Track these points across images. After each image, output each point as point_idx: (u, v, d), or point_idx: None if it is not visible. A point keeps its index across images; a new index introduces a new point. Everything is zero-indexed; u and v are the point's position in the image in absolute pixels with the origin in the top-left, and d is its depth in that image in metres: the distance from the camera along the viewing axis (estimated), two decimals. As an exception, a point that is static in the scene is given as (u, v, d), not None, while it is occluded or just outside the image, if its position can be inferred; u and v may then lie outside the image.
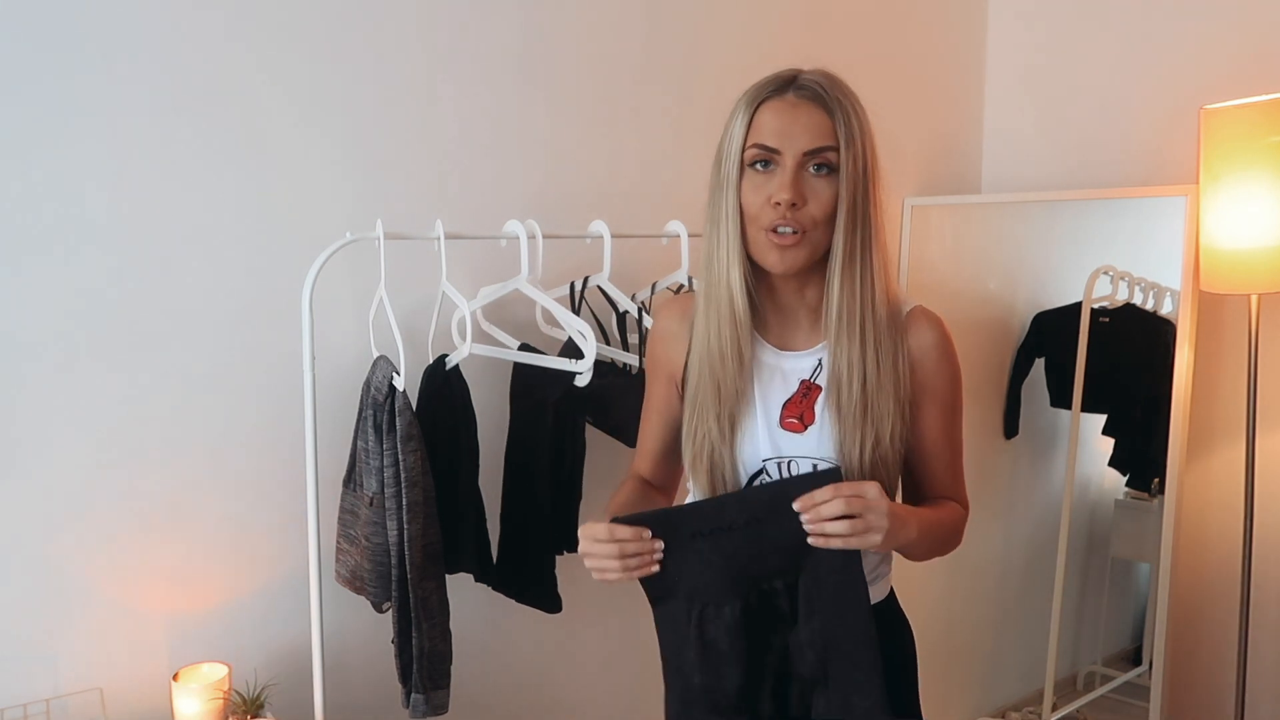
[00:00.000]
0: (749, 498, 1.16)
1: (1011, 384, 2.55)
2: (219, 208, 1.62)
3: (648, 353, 1.36)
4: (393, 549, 1.53)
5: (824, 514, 1.07)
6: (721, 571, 1.13)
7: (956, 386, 1.26)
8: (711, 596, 1.13)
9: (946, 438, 1.26)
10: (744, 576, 1.13)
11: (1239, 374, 2.15)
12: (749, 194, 1.15)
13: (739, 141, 1.15)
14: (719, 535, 1.12)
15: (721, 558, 1.13)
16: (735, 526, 1.12)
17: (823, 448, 1.19)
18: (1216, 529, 2.29)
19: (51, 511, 1.52)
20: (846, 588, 1.12)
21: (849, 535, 1.07)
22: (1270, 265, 1.88)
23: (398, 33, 1.77)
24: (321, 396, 1.57)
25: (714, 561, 1.13)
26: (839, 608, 1.12)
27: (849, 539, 1.07)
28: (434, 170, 1.82)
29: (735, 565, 1.13)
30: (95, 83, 1.50)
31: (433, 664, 1.56)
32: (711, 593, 1.13)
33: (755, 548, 1.12)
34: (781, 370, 1.23)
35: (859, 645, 1.13)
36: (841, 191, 1.14)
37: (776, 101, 1.15)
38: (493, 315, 1.80)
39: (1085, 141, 2.49)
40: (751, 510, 1.12)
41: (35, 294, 1.49)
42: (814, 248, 1.15)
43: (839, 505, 1.07)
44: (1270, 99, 1.85)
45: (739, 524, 1.12)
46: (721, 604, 1.13)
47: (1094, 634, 2.59)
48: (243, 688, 1.58)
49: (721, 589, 1.13)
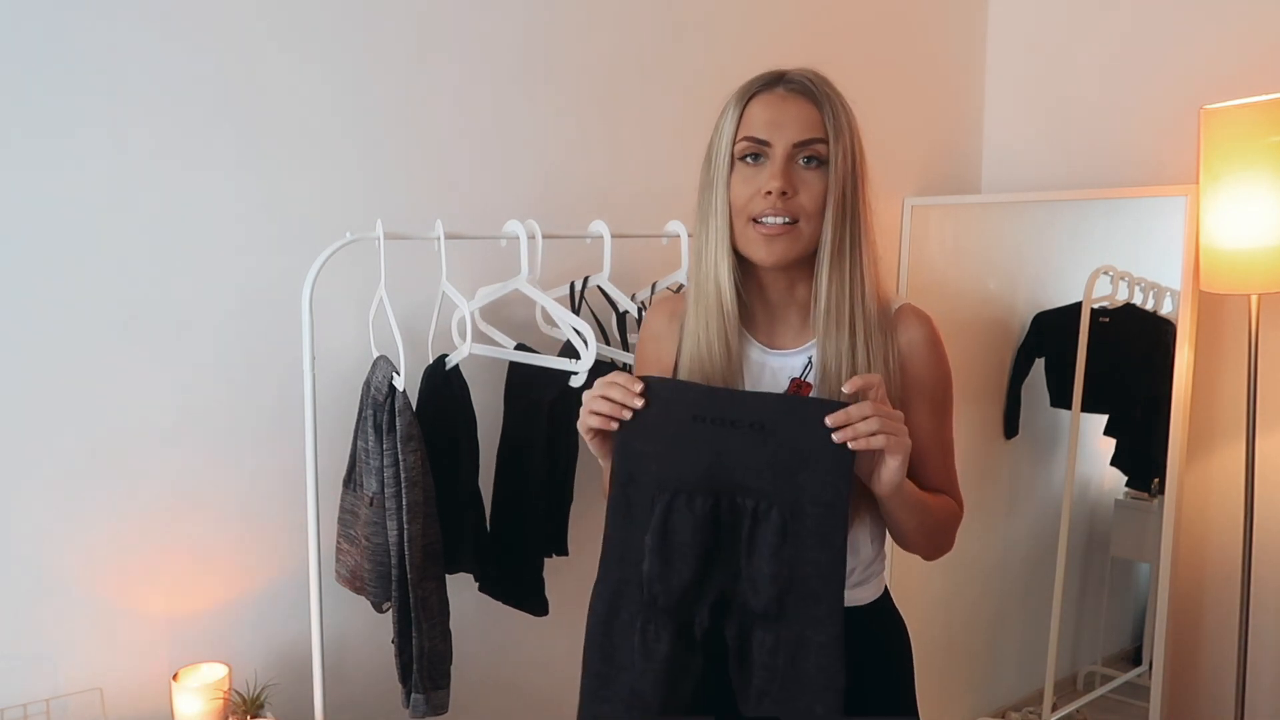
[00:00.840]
0: (765, 401, 1.11)
1: (1011, 384, 2.55)
2: (219, 208, 1.62)
3: (637, 354, 1.36)
4: (393, 549, 1.53)
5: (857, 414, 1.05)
6: (707, 465, 1.10)
7: (946, 384, 1.26)
8: (686, 486, 1.10)
9: (937, 436, 1.26)
10: (726, 478, 1.10)
11: (1239, 374, 2.15)
12: (738, 187, 1.15)
13: (729, 136, 1.16)
14: (720, 426, 1.09)
15: (712, 451, 1.09)
16: (740, 423, 1.09)
17: None
18: (1216, 529, 2.29)
19: (52, 512, 1.52)
20: (826, 522, 1.09)
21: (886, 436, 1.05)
22: (1270, 265, 1.88)
23: (398, 33, 1.77)
24: (321, 396, 1.57)
25: (703, 453, 1.10)
26: (815, 541, 1.09)
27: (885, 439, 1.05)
28: (434, 170, 1.82)
29: (722, 464, 1.09)
30: (95, 83, 1.50)
31: (433, 664, 1.56)
32: (688, 482, 1.10)
33: (749, 455, 1.09)
34: (771, 368, 1.23)
35: (826, 582, 1.10)
36: (830, 184, 1.14)
37: (766, 95, 1.16)
38: (492, 315, 1.80)
39: (1085, 141, 2.49)
40: (762, 413, 1.09)
41: (35, 294, 1.49)
42: (803, 241, 1.15)
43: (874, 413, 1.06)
44: (1270, 99, 1.85)
45: (744, 422, 1.08)
46: (694, 495, 1.10)
47: (1094, 634, 2.59)
48: (243, 688, 1.58)
49: (700, 481, 1.10)
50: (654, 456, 1.11)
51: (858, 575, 1.25)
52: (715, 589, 1.12)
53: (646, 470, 1.12)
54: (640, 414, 1.11)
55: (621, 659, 1.15)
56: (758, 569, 1.10)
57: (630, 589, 1.14)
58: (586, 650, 1.20)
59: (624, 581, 1.14)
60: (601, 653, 1.17)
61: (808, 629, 1.10)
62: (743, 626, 1.12)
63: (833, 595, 1.09)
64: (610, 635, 1.16)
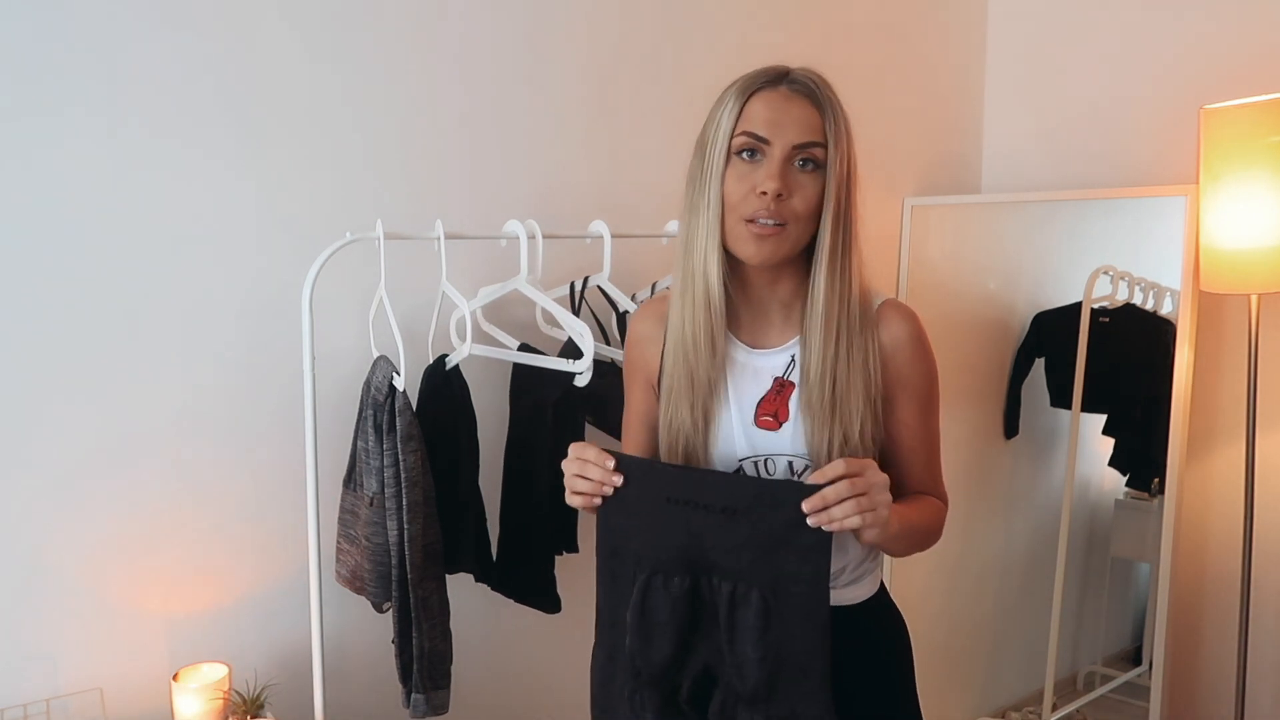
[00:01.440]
0: (735, 485, 1.11)
1: (1011, 384, 2.55)
2: (219, 208, 1.62)
3: (625, 359, 1.35)
4: (393, 549, 1.53)
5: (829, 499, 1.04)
6: (682, 545, 1.10)
7: (932, 380, 1.25)
8: (663, 565, 1.11)
9: (923, 432, 1.25)
10: (701, 559, 1.10)
11: (1239, 374, 2.15)
12: (732, 182, 1.14)
13: (727, 129, 1.14)
14: (692, 509, 1.09)
15: (686, 533, 1.09)
16: (711, 508, 1.08)
17: (797, 444, 1.19)
18: (1216, 529, 2.29)
19: (52, 512, 1.52)
20: (810, 599, 1.07)
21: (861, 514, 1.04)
22: (1270, 265, 1.88)
23: (398, 33, 1.77)
24: (321, 396, 1.57)
25: (676, 533, 1.10)
26: (800, 619, 1.08)
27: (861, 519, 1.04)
28: (434, 170, 1.82)
29: (696, 546, 1.09)
30: (95, 82, 1.50)
31: (433, 664, 1.56)
32: (664, 561, 1.11)
33: (722, 537, 1.08)
34: (754, 368, 1.22)
35: (813, 657, 1.09)
36: (828, 188, 1.14)
37: (769, 93, 1.15)
38: (492, 315, 1.80)
39: (1085, 141, 2.49)
40: (732, 498, 1.08)
41: (34, 293, 1.49)
42: (792, 242, 1.15)
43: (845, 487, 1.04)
44: (1270, 99, 1.85)
45: (715, 507, 1.08)
46: (671, 575, 1.11)
47: (1094, 634, 2.59)
48: (243, 688, 1.58)
49: (675, 562, 1.10)
50: (633, 532, 1.12)
51: (848, 575, 1.25)
52: (699, 663, 1.13)
53: (627, 546, 1.13)
54: (620, 489, 1.12)
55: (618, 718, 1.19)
56: (742, 654, 1.09)
57: (620, 655, 1.16)
58: (592, 707, 1.25)
59: (614, 648, 1.17)
60: (600, 709, 1.23)
61: (798, 705, 1.09)
62: (725, 705, 1.12)
63: (820, 668, 1.09)
64: (608, 694, 1.20)
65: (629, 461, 1.12)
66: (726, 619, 1.09)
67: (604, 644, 1.19)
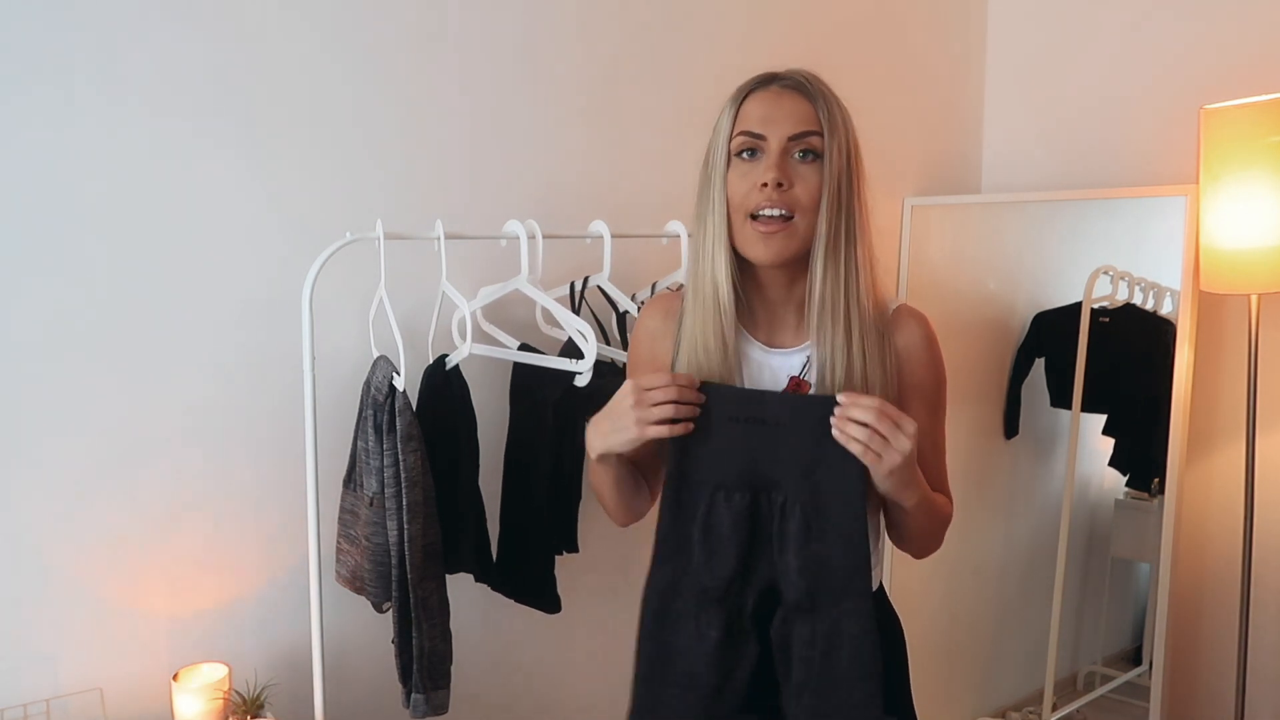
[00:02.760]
0: (786, 399, 1.18)
1: (1011, 384, 2.55)
2: (219, 208, 1.62)
3: (631, 352, 1.35)
4: (393, 549, 1.53)
5: (853, 415, 1.09)
6: (743, 462, 1.15)
7: (942, 385, 1.27)
8: (726, 482, 1.15)
9: (931, 436, 1.26)
10: (759, 474, 1.15)
11: (1239, 374, 2.15)
12: (735, 183, 1.16)
13: (725, 134, 1.18)
14: (753, 425, 1.14)
15: (747, 449, 1.15)
16: (768, 421, 1.14)
17: None
18: (1216, 529, 2.29)
19: (51, 511, 1.52)
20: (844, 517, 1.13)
21: (865, 445, 1.08)
22: (1270, 265, 1.88)
23: (398, 32, 1.77)
24: (321, 396, 1.57)
25: (739, 451, 1.15)
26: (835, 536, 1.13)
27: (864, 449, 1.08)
28: (434, 170, 1.82)
29: (755, 460, 1.15)
30: (95, 82, 1.50)
31: (433, 664, 1.56)
32: (728, 479, 1.15)
33: (776, 450, 1.14)
34: (770, 366, 1.23)
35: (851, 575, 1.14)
36: (825, 177, 1.15)
37: (761, 93, 1.18)
38: (492, 315, 1.80)
39: (1085, 141, 2.49)
40: (783, 411, 1.14)
41: (34, 293, 1.49)
42: (800, 237, 1.16)
43: (871, 415, 1.08)
44: (1270, 99, 1.85)
45: (771, 421, 1.14)
46: (733, 491, 1.15)
47: (1094, 634, 2.59)
48: (243, 688, 1.58)
49: (737, 478, 1.15)
50: (700, 456, 1.16)
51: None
52: (762, 580, 1.16)
53: (696, 469, 1.17)
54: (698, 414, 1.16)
55: (678, 644, 1.19)
56: (786, 563, 1.14)
57: (683, 580, 1.18)
58: (640, 640, 1.23)
59: (678, 572, 1.18)
60: (656, 641, 1.21)
61: (841, 621, 1.14)
62: (785, 619, 1.16)
63: (859, 588, 1.14)
64: (664, 624, 1.20)
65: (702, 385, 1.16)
66: (778, 530, 1.15)
67: (663, 572, 1.20)
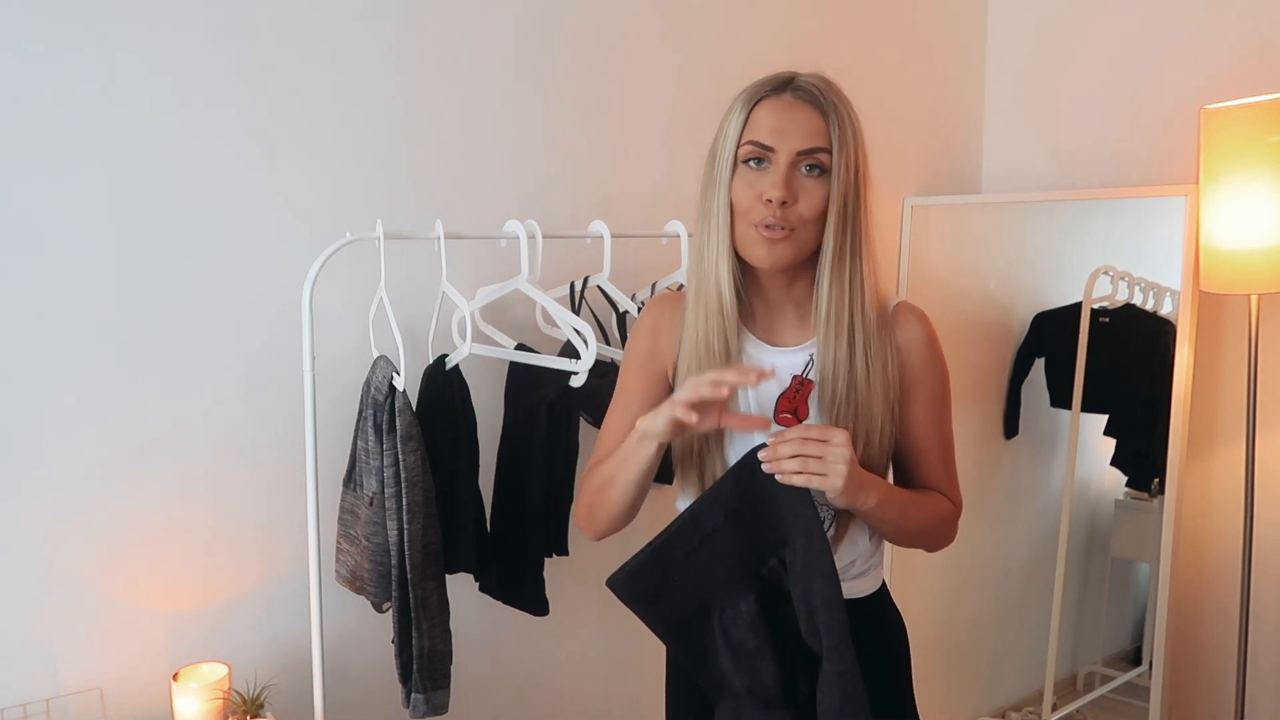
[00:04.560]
0: (717, 495, 1.15)
1: (1011, 384, 2.55)
2: (219, 208, 1.62)
3: (631, 347, 1.34)
4: (393, 549, 1.53)
5: (781, 452, 1.09)
6: (725, 573, 1.14)
7: (944, 381, 1.27)
8: (725, 599, 1.14)
9: (935, 433, 1.26)
10: (745, 569, 1.14)
11: (1239, 374, 2.15)
12: (740, 190, 1.16)
13: (734, 138, 1.16)
14: (709, 541, 1.14)
15: (719, 561, 1.14)
16: (718, 527, 1.13)
17: None
18: (1216, 529, 2.29)
19: (52, 511, 1.52)
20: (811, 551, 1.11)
21: (799, 471, 1.08)
22: (1270, 265, 1.88)
23: (397, 32, 1.77)
24: (321, 396, 1.57)
25: (715, 568, 1.14)
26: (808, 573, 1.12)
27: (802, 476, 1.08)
28: (434, 170, 1.82)
29: (733, 561, 1.14)
30: (95, 81, 1.50)
31: (433, 664, 1.56)
32: (723, 595, 1.14)
33: (744, 535, 1.13)
34: (772, 365, 1.23)
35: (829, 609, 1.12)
36: (833, 193, 1.15)
37: (773, 101, 1.16)
38: (492, 315, 1.80)
39: (1085, 141, 2.49)
40: (724, 504, 1.13)
41: (34, 293, 1.49)
42: (801, 245, 1.17)
43: (794, 445, 1.08)
44: (1270, 99, 1.85)
45: (720, 522, 1.13)
46: (736, 603, 1.14)
47: (1094, 634, 2.59)
48: (243, 688, 1.58)
49: (731, 588, 1.14)
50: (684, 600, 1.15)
51: (857, 567, 1.26)
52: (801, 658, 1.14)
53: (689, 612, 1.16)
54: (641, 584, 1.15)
55: None
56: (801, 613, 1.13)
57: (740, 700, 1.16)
58: None
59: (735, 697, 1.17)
60: None
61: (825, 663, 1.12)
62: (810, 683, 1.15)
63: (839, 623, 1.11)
64: None
65: (636, 567, 1.15)
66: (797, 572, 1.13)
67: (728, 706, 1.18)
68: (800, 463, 1.08)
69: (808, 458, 1.08)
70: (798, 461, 1.08)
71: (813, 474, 1.08)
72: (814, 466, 1.08)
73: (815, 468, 1.08)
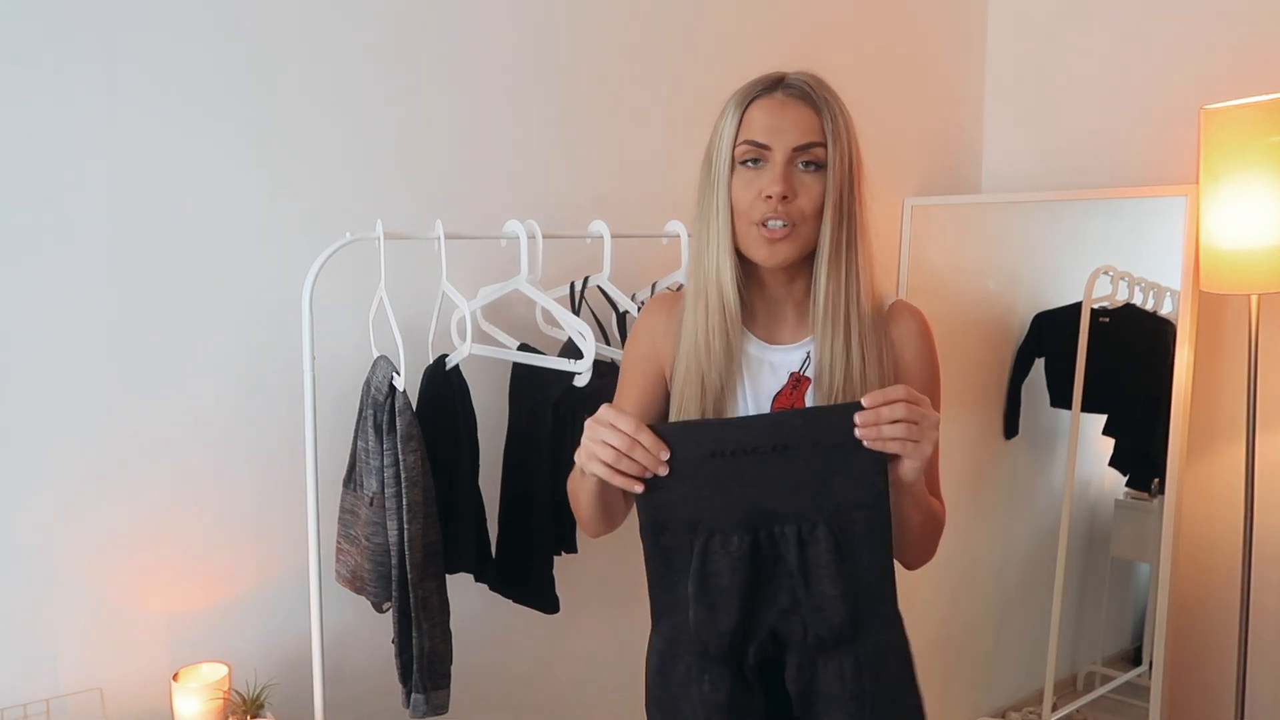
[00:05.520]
0: (782, 421, 1.07)
1: (1011, 384, 2.55)
2: (219, 208, 1.62)
3: (629, 350, 1.34)
4: (393, 549, 1.53)
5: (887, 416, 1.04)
6: (736, 500, 1.05)
7: (935, 379, 1.27)
8: (719, 526, 1.06)
9: None
10: (758, 510, 1.06)
11: (1239, 374, 2.15)
12: (739, 190, 1.17)
13: (729, 139, 1.17)
14: (741, 458, 1.04)
15: (739, 484, 1.05)
16: (762, 449, 1.04)
17: None
18: (1216, 529, 2.29)
19: (52, 511, 1.52)
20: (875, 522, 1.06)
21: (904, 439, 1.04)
22: (1270, 265, 1.88)
23: (398, 33, 1.77)
24: (321, 396, 1.57)
25: (730, 487, 1.05)
26: (867, 545, 1.06)
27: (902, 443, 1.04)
28: (434, 170, 1.82)
29: (751, 495, 1.05)
30: (95, 82, 1.50)
31: (433, 664, 1.56)
32: (720, 521, 1.06)
33: (777, 478, 1.04)
34: (770, 363, 1.24)
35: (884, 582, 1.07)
36: (828, 186, 1.16)
37: (766, 100, 1.17)
38: (492, 315, 1.80)
39: (1085, 141, 2.49)
40: (783, 434, 1.04)
41: (34, 293, 1.49)
42: (802, 242, 1.17)
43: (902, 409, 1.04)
44: (1270, 99, 1.85)
45: (766, 447, 1.04)
46: (729, 535, 1.06)
47: (1094, 634, 2.59)
48: (243, 688, 1.58)
49: (732, 519, 1.06)
50: (680, 501, 1.07)
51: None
52: (765, 628, 1.09)
53: (676, 517, 1.07)
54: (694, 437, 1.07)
55: (684, 712, 1.13)
56: (821, 594, 1.06)
57: (683, 638, 1.11)
58: (647, 704, 1.20)
59: (675, 631, 1.12)
60: (661, 707, 1.16)
61: (882, 635, 1.08)
62: (803, 664, 1.09)
63: (892, 592, 1.08)
64: (669, 687, 1.14)
65: (666, 430, 1.06)
66: (799, 562, 1.06)
67: (663, 631, 1.14)
68: (905, 428, 1.04)
69: (911, 424, 1.04)
70: (901, 427, 1.03)
71: (909, 440, 1.04)
72: (914, 433, 1.04)
73: (915, 434, 1.04)
